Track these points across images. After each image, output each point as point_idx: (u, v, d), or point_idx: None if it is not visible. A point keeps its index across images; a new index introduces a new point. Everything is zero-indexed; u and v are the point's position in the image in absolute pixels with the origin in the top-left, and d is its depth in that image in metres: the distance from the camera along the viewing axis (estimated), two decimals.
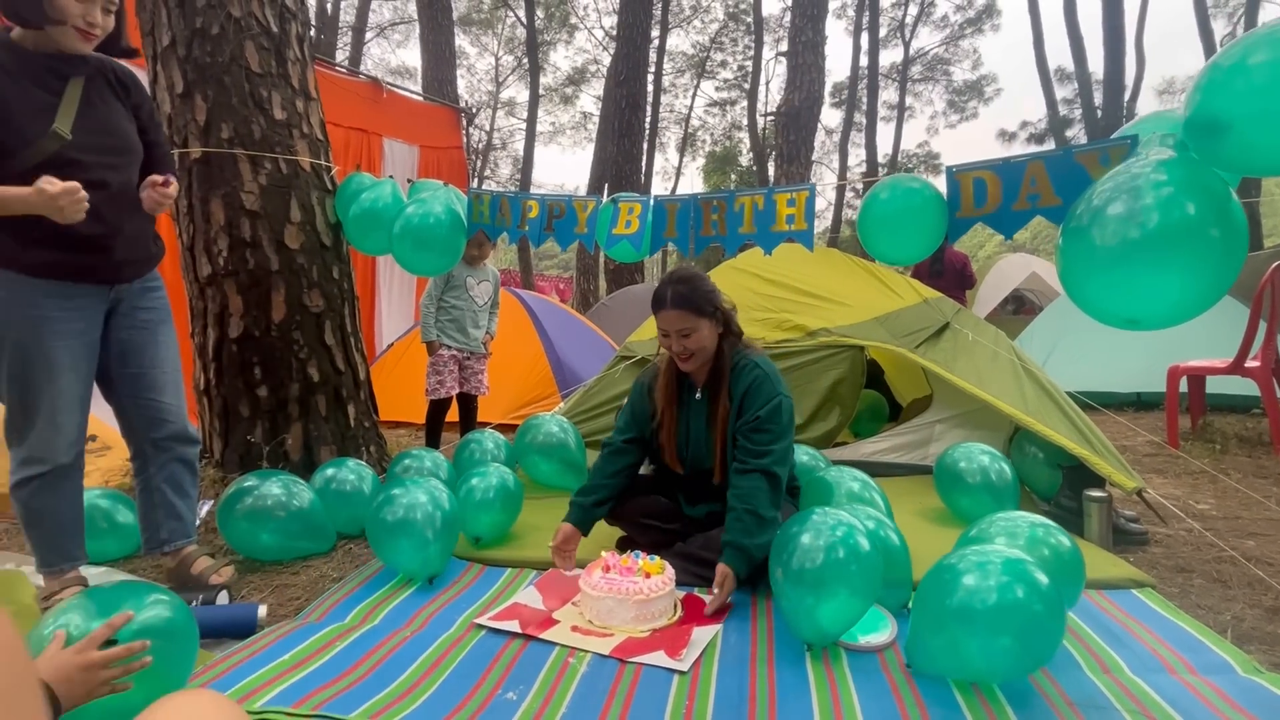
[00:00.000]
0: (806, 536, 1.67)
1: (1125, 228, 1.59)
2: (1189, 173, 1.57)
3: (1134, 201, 1.59)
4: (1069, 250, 1.73)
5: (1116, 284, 1.63)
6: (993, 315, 9.60)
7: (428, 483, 2.20)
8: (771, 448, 1.98)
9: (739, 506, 1.92)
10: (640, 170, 11.70)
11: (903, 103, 23.80)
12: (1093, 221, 1.67)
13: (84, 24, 1.78)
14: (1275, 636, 1.70)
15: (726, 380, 2.08)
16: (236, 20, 2.76)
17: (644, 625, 1.80)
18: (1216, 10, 16.84)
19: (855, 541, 1.64)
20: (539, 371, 5.15)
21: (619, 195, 2.47)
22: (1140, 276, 1.59)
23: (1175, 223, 1.54)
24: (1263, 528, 2.50)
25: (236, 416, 2.88)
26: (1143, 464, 3.50)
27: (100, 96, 1.90)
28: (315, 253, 2.97)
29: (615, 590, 1.81)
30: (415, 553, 2.07)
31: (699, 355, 2.06)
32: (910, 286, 3.55)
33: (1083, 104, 16.41)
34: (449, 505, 2.18)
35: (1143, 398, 5.00)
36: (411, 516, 2.08)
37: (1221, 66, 1.52)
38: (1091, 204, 1.68)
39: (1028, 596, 1.36)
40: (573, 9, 23.21)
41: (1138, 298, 1.62)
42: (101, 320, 1.95)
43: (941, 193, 2.01)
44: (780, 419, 2.00)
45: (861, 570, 1.62)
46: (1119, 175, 1.64)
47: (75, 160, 1.79)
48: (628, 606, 1.80)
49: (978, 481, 2.48)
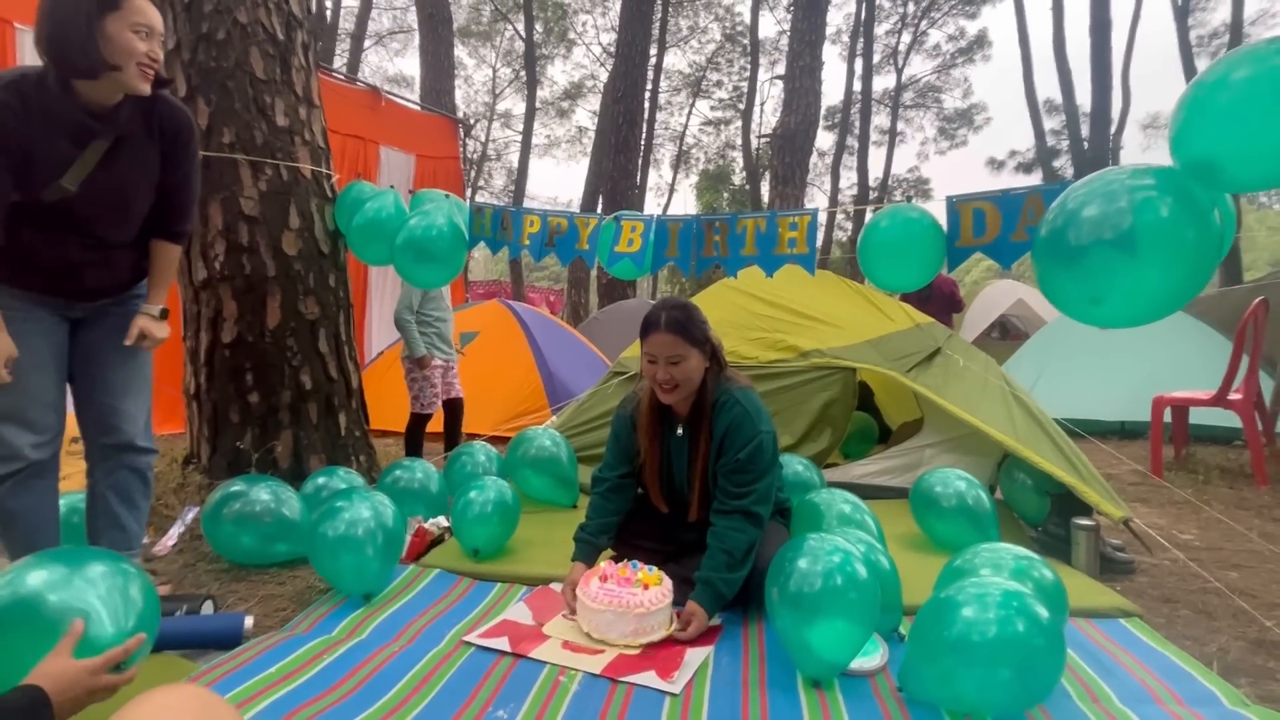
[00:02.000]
0: (803, 562, 1.67)
1: (1100, 222, 1.64)
2: (1167, 177, 1.61)
3: (1109, 203, 1.65)
4: (1042, 242, 1.76)
5: (1084, 266, 1.67)
6: (979, 340, 9.70)
7: (373, 497, 2.15)
8: (752, 488, 1.94)
9: (714, 545, 1.90)
10: (635, 186, 11.77)
11: (894, 128, 24.16)
12: (1068, 221, 1.72)
13: (148, 60, 1.69)
14: (1261, 669, 1.72)
15: (709, 417, 2.01)
16: (243, 26, 2.76)
17: (641, 639, 1.79)
18: (1200, 49, 17.28)
19: (853, 569, 1.64)
20: (530, 384, 5.15)
21: (621, 213, 2.49)
22: (1109, 263, 1.63)
23: (1149, 218, 1.58)
24: (1245, 559, 2.53)
25: (226, 422, 2.85)
26: (1127, 493, 3.54)
27: (128, 156, 1.80)
28: (313, 260, 2.96)
29: (615, 603, 1.79)
30: (355, 569, 2.02)
31: (684, 387, 1.97)
32: (902, 310, 3.59)
33: (1070, 135, 16.74)
34: (392, 522, 2.13)
35: (1127, 426, 5.07)
36: (353, 532, 2.02)
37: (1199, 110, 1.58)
38: (1066, 204, 1.74)
39: (1029, 630, 1.37)
40: (571, 24, 23.43)
41: (1102, 279, 1.65)
42: (68, 320, 1.91)
43: (940, 222, 2.05)
44: (762, 459, 1.95)
45: (861, 598, 1.62)
46: (1094, 179, 1.69)
47: (77, 212, 1.77)
48: (627, 620, 1.78)
49: (953, 505, 2.44)
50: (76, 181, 1.72)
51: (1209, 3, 17.91)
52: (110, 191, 1.79)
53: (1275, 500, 3.34)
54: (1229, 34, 15.51)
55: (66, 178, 1.72)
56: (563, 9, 22.83)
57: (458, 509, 2.39)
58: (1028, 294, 10.25)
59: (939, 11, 22.88)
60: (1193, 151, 1.61)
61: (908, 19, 23.01)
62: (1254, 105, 1.50)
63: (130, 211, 1.88)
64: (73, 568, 1.30)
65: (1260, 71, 1.51)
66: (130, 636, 1.27)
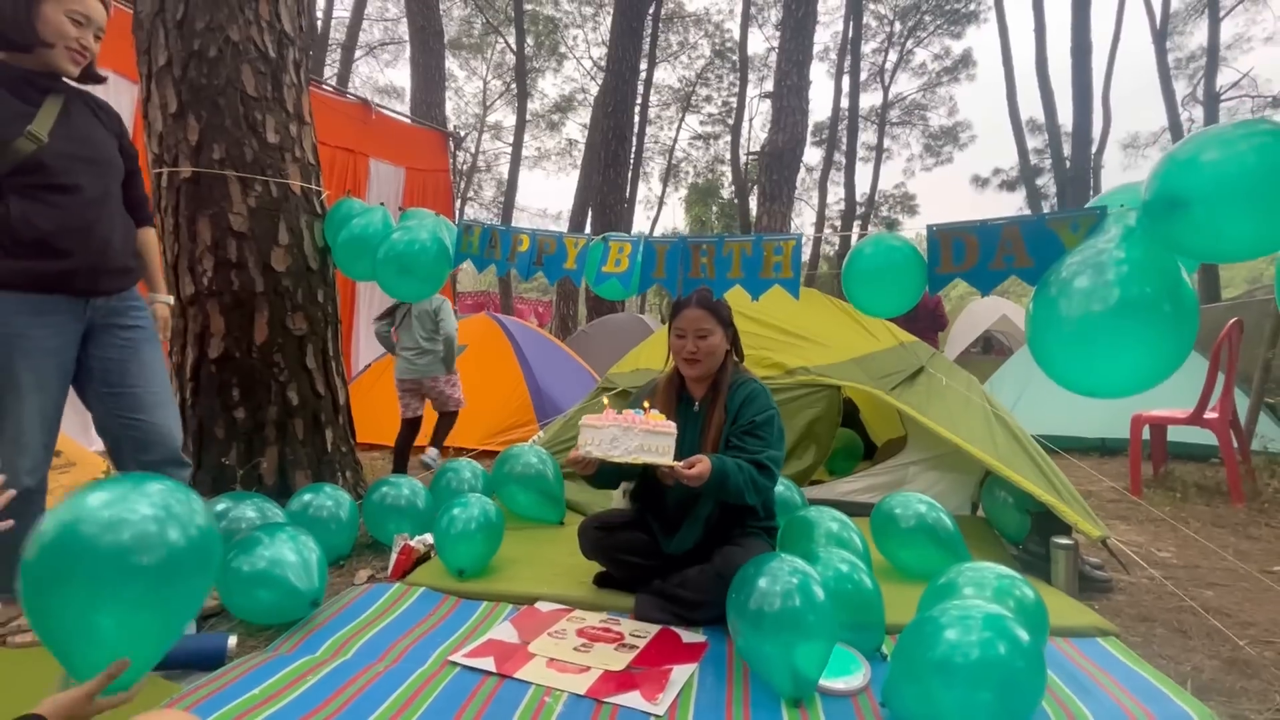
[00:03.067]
0: (763, 581, 1.71)
1: (1088, 308, 1.72)
2: (1147, 254, 1.68)
3: (1097, 286, 1.72)
4: (1038, 332, 1.85)
5: (1080, 358, 1.75)
6: (964, 356, 9.83)
7: (298, 538, 2.07)
8: (765, 450, 2.05)
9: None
10: (625, 200, 11.84)
11: (881, 145, 24.49)
12: (1060, 305, 1.80)
13: (78, 46, 1.82)
14: (1233, 688, 1.76)
15: (724, 395, 2.16)
16: (235, 44, 2.78)
17: (645, 458, 1.78)
18: (1178, 72, 17.71)
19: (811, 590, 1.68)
20: (518, 398, 5.15)
21: (609, 234, 2.52)
22: (1100, 353, 1.70)
23: (1132, 300, 1.65)
24: (1220, 578, 2.58)
25: (211, 438, 2.84)
26: (1106, 510, 3.59)
27: (80, 113, 1.92)
28: (301, 276, 2.96)
29: (622, 420, 1.78)
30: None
31: (708, 361, 2.15)
32: (886, 329, 3.64)
33: (1052, 154, 17.06)
34: (318, 567, 2.06)
35: (1107, 444, 5.14)
36: (275, 571, 1.96)
37: (1177, 160, 1.65)
38: (1055, 289, 1.82)
39: (1010, 653, 1.40)
40: (562, 38, 23.60)
41: (1098, 371, 1.73)
42: (77, 339, 1.91)
43: (921, 250, 2.10)
44: (773, 429, 2.09)
45: (819, 619, 1.66)
46: (1082, 262, 1.77)
47: (49, 165, 1.79)
48: (633, 435, 1.78)
49: (911, 526, 2.37)
50: (45, 130, 1.79)
51: (1186, 27, 18.37)
52: (79, 141, 1.87)
53: (1251, 518, 3.40)
54: (1205, 57, 15.91)
55: (35, 125, 1.77)
56: (554, 23, 23.01)
57: (440, 526, 2.39)
58: (1011, 310, 10.41)
59: (924, 31, 23.29)
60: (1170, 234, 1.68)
61: (894, 38, 23.41)
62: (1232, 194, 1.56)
63: (104, 163, 1.93)
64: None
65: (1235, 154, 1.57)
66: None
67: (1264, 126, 1.57)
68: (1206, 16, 15.69)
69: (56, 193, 1.80)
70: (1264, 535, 3.15)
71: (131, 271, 2.03)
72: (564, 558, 2.57)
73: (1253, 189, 1.53)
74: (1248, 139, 1.57)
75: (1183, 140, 1.68)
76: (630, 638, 1.97)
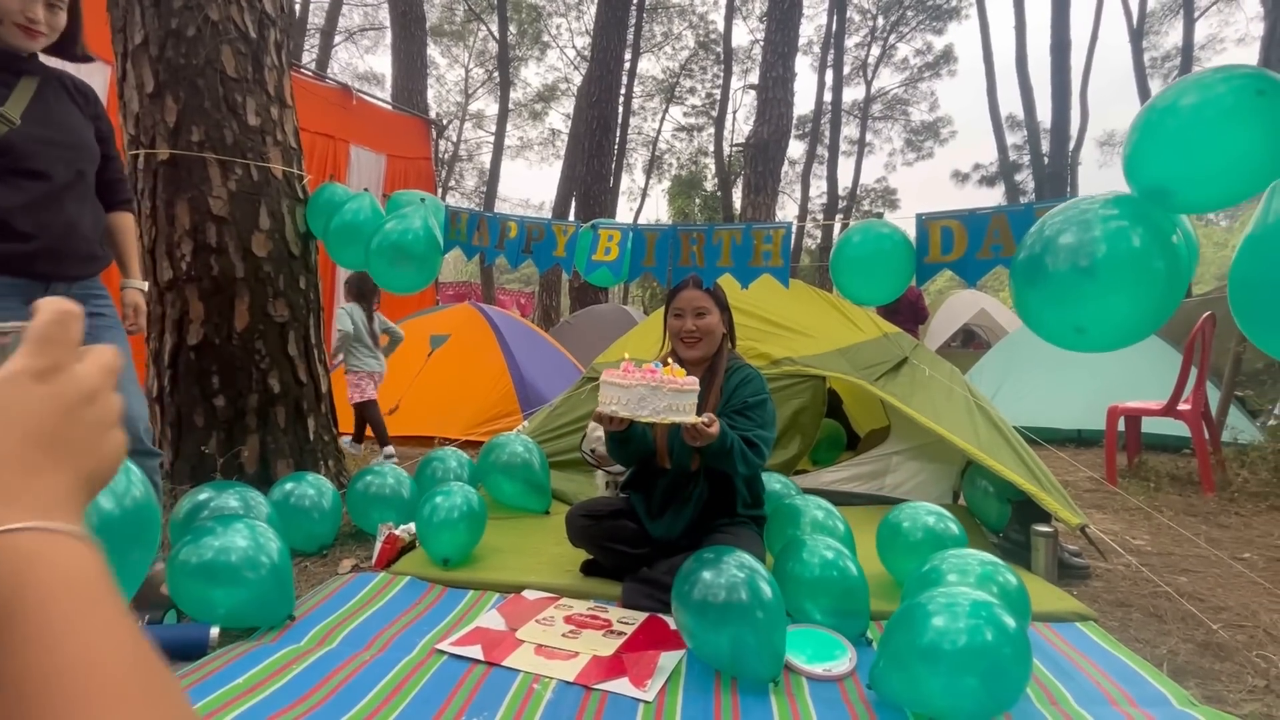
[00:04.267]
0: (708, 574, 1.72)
1: (1074, 255, 1.72)
2: (1134, 207, 1.70)
3: (1083, 232, 1.73)
4: (1020, 274, 1.84)
5: (1065, 300, 1.75)
6: (943, 349, 9.94)
7: (256, 528, 1.95)
8: (757, 429, 2.07)
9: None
10: (609, 190, 11.80)
11: (863, 138, 24.62)
12: (1044, 249, 1.80)
13: (24, 20, 1.72)
14: (1207, 670, 1.81)
15: (720, 378, 2.19)
16: (214, 24, 2.71)
17: (672, 417, 1.77)
18: (1154, 70, 17.99)
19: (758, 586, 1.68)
20: (501, 388, 5.12)
21: (599, 221, 2.50)
22: (1088, 296, 1.71)
23: (1121, 250, 1.66)
24: (1193, 564, 2.64)
25: (190, 426, 2.79)
26: (1083, 499, 3.66)
27: (56, 97, 1.86)
28: (283, 261, 2.91)
29: (650, 378, 1.77)
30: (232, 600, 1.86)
31: (706, 341, 2.18)
32: (870, 320, 3.67)
33: (1031, 150, 17.27)
34: (279, 556, 1.92)
35: (1083, 434, 5.24)
36: (224, 559, 1.82)
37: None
38: (1043, 232, 1.81)
39: (997, 639, 1.42)
40: (545, 27, 23.38)
41: (1085, 310, 1.74)
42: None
43: (910, 238, 2.11)
44: (764, 411, 2.12)
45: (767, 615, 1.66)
46: (1069, 209, 1.77)
47: (18, 148, 1.73)
48: (660, 395, 1.76)
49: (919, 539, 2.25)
50: (18, 112, 1.74)
51: (1162, 27, 18.68)
52: (54, 125, 1.82)
53: (1221, 507, 3.49)
54: (1180, 57, 16.18)
55: (7, 107, 1.72)
56: (537, 11, 22.79)
57: (423, 515, 2.37)
58: (989, 304, 10.54)
59: (907, 26, 23.41)
60: (1147, 177, 1.70)
61: (877, 32, 23.50)
62: (1200, 132, 1.59)
63: (79, 148, 1.88)
64: None
65: (1206, 99, 1.60)
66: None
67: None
68: (1182, 16, 15.94)
69: (24, 177, 1.74)
70: (1233, 524, 3.23)
71: (98, 259, 1.96)
72: (550, 546, 2.56)
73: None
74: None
75: (1146, 107, 1.70)
76: (618, 625, 1.98)
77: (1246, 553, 2.80)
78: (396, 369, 5.30)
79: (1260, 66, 3.32)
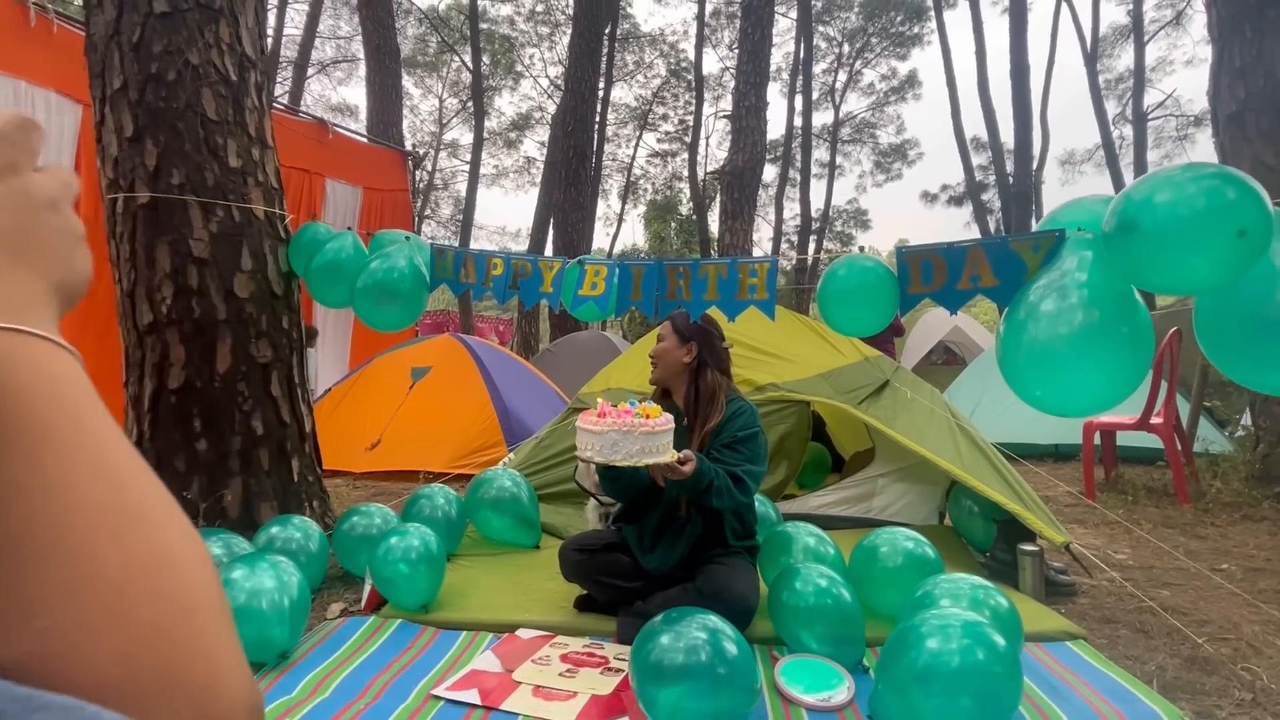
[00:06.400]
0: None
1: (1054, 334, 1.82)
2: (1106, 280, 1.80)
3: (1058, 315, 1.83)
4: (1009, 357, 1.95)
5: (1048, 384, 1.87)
6: (922, 365, 10.10)
7: (279, 565, 1.99)
8: (744, 463, 2.08)
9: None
10: (586, 218, 11.88)
11: (834, 161, 25.11)
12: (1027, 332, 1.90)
13: None
14: (1196, 685, 1.84)
15: (708, 408, 2.20)
16: (195, 67, 2.72)
17: (648, 459, 1.78)
18: (1109, 92, 18.69)
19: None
20: (484, 419, 5.09)
21: (584, 257, 2.53)
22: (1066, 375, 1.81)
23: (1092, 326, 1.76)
24: (1174, 577, 2.70)
25: (171, 472, 2.74)
26: (1064, 514, 3.72)
27: None
28: (265, 302, 2.89)
29: (621, 423, 1.78)
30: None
31: (661, 365, 2.27)
32: (851, 345, 3.72)
33: (996, 171, 17.76)
34: (298, 591, 1.98)
35: (1060, 449, 5.34)
36: (255, 604, 1.86)
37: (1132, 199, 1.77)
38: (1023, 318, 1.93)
39: (988, 659, 1.44)
40: (519, 57, 23.64)
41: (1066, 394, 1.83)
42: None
43: (892, 270, 2.17)
44: (754, 446, 2.14)
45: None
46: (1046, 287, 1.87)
47: None
48: (633, 438, 1.77)
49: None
50: None
51: (1115, 50, 19.46)
52: None
53: (1197, 518, 3.57)
54: (1133, 79, 16.84)
55: None
56: (510, 42, 23.04)
57: (378, 555, 2.29)
58: (964, 321, 10.74)
59: (872, 53, 24.07)
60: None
61: (843, 59, 24.11)
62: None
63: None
64: None
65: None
66: None
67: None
68: (1132, 40, 16.61)
69: None
70: (1210, 535, 3.30)
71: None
72: (542, 582, 2.55)
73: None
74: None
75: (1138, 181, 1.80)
76: (615, 661, 1.97)
77: (1225, 563, 2.87)
78: (378, 403, 5.25)
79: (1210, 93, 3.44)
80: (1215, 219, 1.61)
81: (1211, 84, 4.04)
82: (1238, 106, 3.83)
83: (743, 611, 1.99)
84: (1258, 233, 1.59)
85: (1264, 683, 1.84)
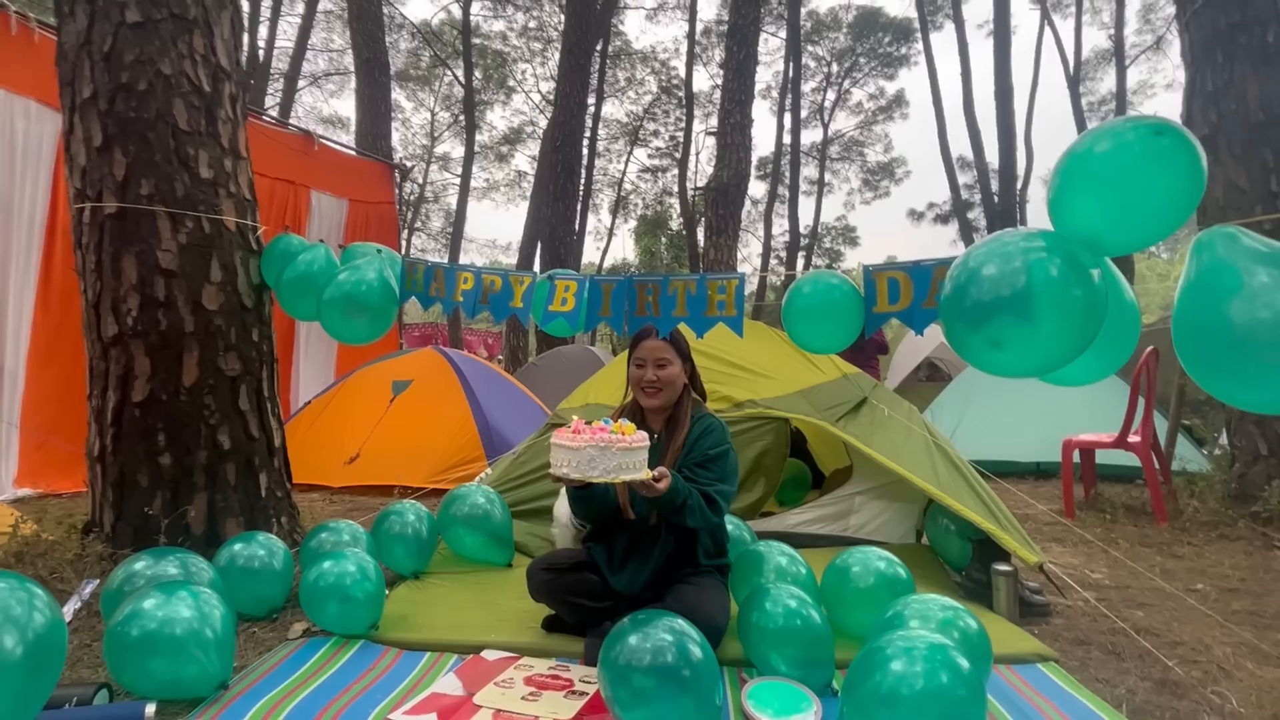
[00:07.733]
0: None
1: (996, 285, 1.81)
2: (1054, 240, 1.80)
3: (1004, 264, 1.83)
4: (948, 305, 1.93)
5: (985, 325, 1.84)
6: (907, 381, 10.13)
7: (202, 595, 1.89)
8: (716, 483, 2.06)
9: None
10: (574, 232, 11.91)
11: (822, 179, 25.37)
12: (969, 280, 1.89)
13: None
14: (1165, 708, 1.82)
15: (684, 428, 2.17)
16: (166, 78, 2.69)
17: (624, 475, 1.76)
18: (1091, 114, 19.00)
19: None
20: (465, 434, 5.04)
21: (555, 272, 2.52)
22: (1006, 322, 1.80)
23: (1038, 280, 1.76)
24: (1149, 598, 2.69)
25: (134, 486, 2.68)
26: (1043, 533, 3.71)
27: None
28: (234, 314, 2.85)
29: (598, 439, 1.75)
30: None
31: (667, 391, 2.18)
32: (830, 362, 3.72)
33: (981, 190, 17.98)
34: (221, 626, 1.87)
35: (1041, 467, 5.34)
36: (169, 631, 1.76)
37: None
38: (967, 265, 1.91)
39: (952, 682, 1.41)
40: (511, 72, 23.79)
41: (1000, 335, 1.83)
42: None
43: (859, 288, 2.16)
44: (726, 463, 2.12)
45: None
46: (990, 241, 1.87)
47: None
48: (610, 454, 1.74)
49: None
50: None
51: (1097, 74, 19.83)
52: None
53: (1174, 537, 3.57)
54: (1115, 101, 17.13)
55: None
56: (502, 57, 23.19)
57: (309, 581, 2.21)
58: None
59: (860, 72, 24.40)
60: (1071, 224, 1.79)
61: (832, 78, 24.43)
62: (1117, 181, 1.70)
63: None
64: None
65: (1118, 146, 1.71)
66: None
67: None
68: (1114, 64, 16.93)
69: None
70: (1186, 554, 3.30)
71: None
72: (512, 602, 2.50)
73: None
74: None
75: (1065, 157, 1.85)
76: (580, 684, 1.92)
77: (1199, 583, 2.86)
78: (358, 416, 5.19)
79: (1184, 117, 3.49)
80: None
81: (1185, 108, 4.09)
82: (1210, 130, 3.88)
83: (712, 632, 1.95)
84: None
85: (1233, 706, 1.82)
